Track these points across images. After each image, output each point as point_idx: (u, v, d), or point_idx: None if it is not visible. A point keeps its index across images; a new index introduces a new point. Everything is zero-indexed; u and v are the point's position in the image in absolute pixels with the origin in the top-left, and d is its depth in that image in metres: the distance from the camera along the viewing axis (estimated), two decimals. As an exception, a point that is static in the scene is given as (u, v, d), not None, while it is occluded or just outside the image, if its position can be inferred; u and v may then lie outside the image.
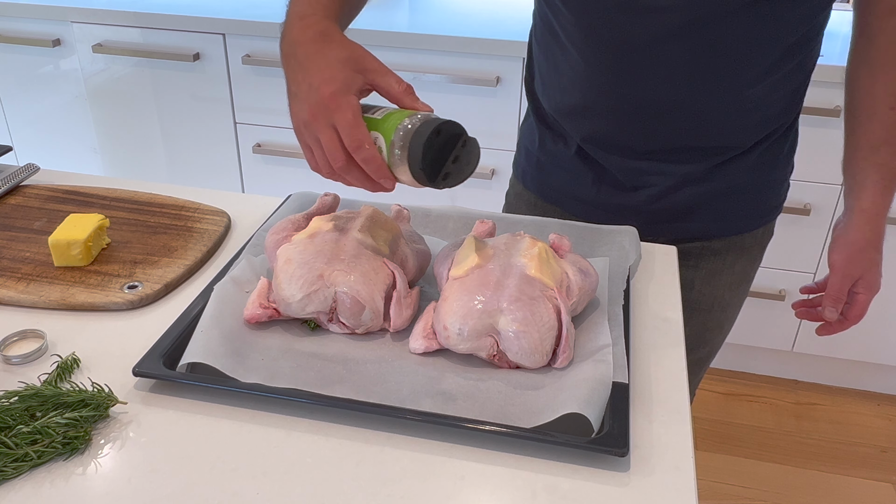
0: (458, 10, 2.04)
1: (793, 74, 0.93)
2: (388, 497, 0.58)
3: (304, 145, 0.73)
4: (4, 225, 0.94)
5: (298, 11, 0.78)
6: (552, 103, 1.02)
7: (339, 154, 0.69)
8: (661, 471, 0.61)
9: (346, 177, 0.71)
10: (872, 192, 0.93)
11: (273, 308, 0.74)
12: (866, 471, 1.94)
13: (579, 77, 0.94)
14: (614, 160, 0.98)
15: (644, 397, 0.69)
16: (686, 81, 0.89)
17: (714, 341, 1.13)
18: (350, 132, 0.68)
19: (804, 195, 1.84)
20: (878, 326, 2.00)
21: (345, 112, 0.68)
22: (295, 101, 0.73)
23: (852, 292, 0.98)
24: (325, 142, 0.69)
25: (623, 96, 0.92)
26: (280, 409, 0.66)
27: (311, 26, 0.75)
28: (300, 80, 0.72)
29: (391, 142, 0.68)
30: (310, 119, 0.70)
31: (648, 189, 0.99)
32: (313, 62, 0.72)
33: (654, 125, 0.93)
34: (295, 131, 0.74)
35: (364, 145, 0.68)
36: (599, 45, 0.90)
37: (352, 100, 0.69)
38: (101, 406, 0.64)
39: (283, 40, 0.78)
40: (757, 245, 1.07)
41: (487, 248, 0.76)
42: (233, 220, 0.97)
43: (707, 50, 0.86)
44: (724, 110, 0.92)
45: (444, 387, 0.68)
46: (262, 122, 2.05)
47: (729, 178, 0.98)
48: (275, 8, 1.99)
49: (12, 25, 2.07)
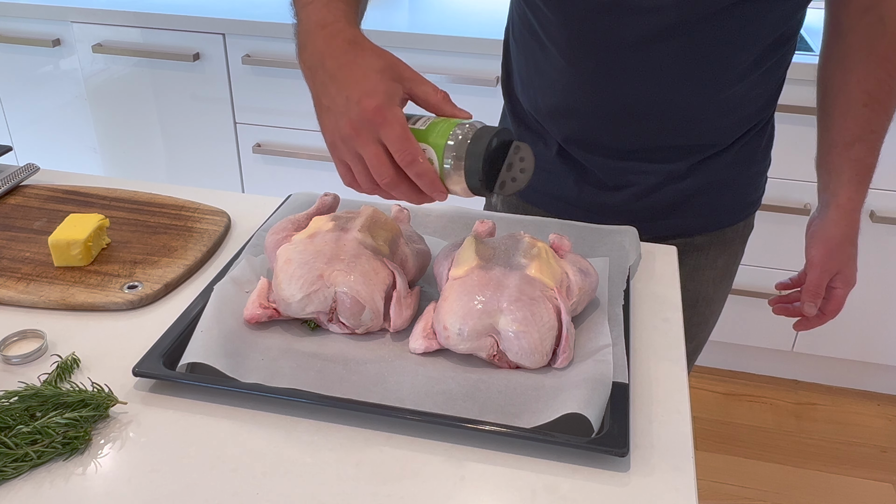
0: (458, 10, 2.04)
1: (771, 72, 0.94)
2: (388, 497, 0.58)
3: (338, 161, 0.70)
4: (4, 225, 0.94)
5: (318, 20, 0.73)
6: (532, 103, 1.01)
7: (387, 169, 0.66)
8: (661, 471, 0.61)
9: (393, 192, 0.68)
10: (848, 188, 0.93)
11: (273, 308, 0.74)
12: (866, 471, 1.94)
13: (562, 78, 0.94)
14: (596, 160, 0.99)
15: (644, 397, 0.69)
16: (670, 82, 0.89)
17: (700, 336, 1.14)
18: (401, 146, 0.65)
19: (804, 195, 1.84)
20: (878, 326, 2.00)
21: (393, 126, 0.65)
22: (328, 115, 0.69)
23: (829, 287, 0.99)
24: (370, 157, 0.67)
25: (606, 98, 0.92)
26: (280, 409, 0.66)
27: (336, 35, 0.71)
28: (334, 93, 0.68)
29: (443, 153, 0.67)
30: (351, 134, 0.67)
31: (631, 188, 0.99)
32: (348, 73, 0.68)
33: (638, 126, 0.94)
34: (329, 146, 0.71)
35: (418, 159, 0.66)
36: (582, 46, 0.90)
37: (398, 112, 0.66)
38: (101, 406, 0.64)
39: (305, 51, 0.73)
40: (738, 239, 1.09)
41: (487, 248, 0.76)
42: (233, 220, 0.97)
43: (691, 51, 0.86)
44: (707, 109, 0.92)
45: (444, 387, 0.68)
46: (262, 122, 2.05)
47: (710, 174, 0.99)
48: (275, 8, 1.99)
49: (12, 25, 2.07)
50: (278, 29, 1.89)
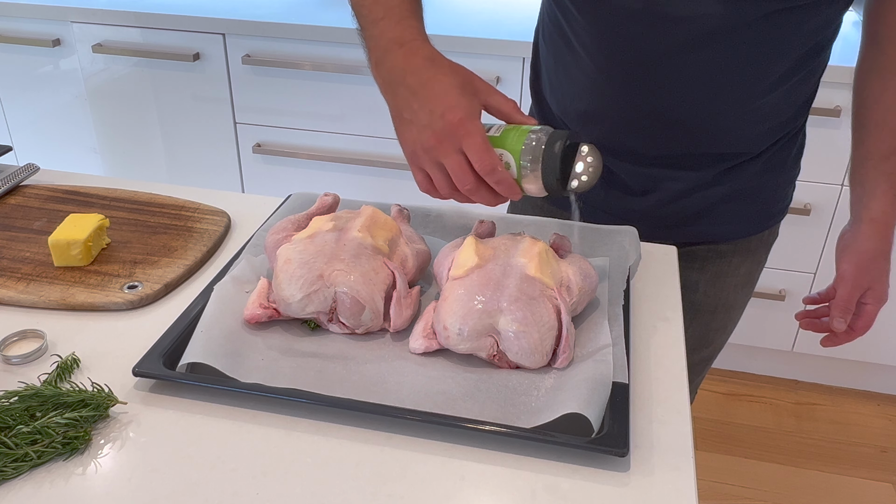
0: (458, 10, 2.04)
1: (804, 82, 0.92)
2: (388, 497, 0.58)
3: (417, 169, 0.75)
4: (4, 225, 0.94)
5: (394, 37, 0.77)
6: (560, 106, 1.01)
7: (468, 177, 0.72)
8: (661, 471, 0.61)
9: (473, 197, 0.74)
10: (882, 201, 0.92)
11: (273, 308, 0.74)
12: (866, 471, 1.94)
13: (591, 83, 0.93)
14: (624, 166, 0.98)
15: (644, 397, 0.69)
16: (701, 92, 0.88)
17: (717, 342, 1.13)
18: (482, 156, 0.70)
19: (804, 195, 1.84)
20: (879, 326, 1.99)
21: (474, 137, 0.70)
22: (410, 127, 0.74)
23: (860, 303, 0.97)
24: (452, 166, 0.72)
25: (636, 106, 0.91)
26: (280, 409, 0.66)
27: (415, 53, 0.76)
28: (416, 107, 0.73)
29: (520, 157, 0.73)
30: (435, 145, 0.72)
31: (657, 194, 0.98)
32: (430, 89, 0.73)
33: (667, 134, 0.93)
34: (409, 156, 0.76)
35: (497, 168, 0.71)
36: (614, 53, 0.89)
37: (479, 125, 0.72)
38: (101, 406, 0.64)
39: (382, 67, 0.77)
40: (763, 247, 1.07)
41: (487, 248, 0.76)
42: (233, 220, 0.97)
43: (723, 61, 0.85)
44: (738, 119, 0.91)
45: (444, 387, 0.68)
46: (262, 122, 2.05)
47: (738, 182, 0.97)
48: (275, 8, 1.99)
49: (12, 25, 2.07)
50: (278, 29, 1.89)
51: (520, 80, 1.84)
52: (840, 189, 1.83)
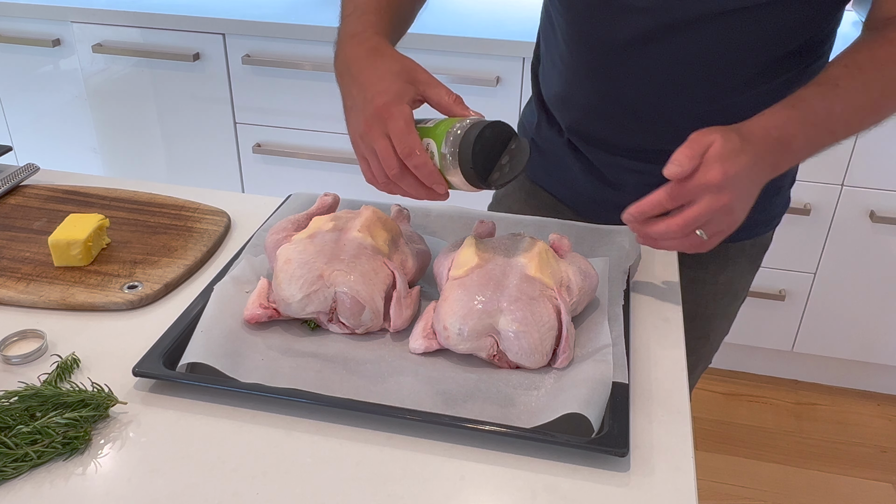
0: (458, 10, 2.04)
1: (793, 83, 0.87)
2: (388, 497, 0.58)
3: (360, 157, 0.76)
4: (4, 225, 0.94)
5: (349, 31, 0.81)
6: (545, 89, 1.04)
7: (393, 162, 0.71)
8: (661, 471, 0.61)
9: (401, 184, 0.73)
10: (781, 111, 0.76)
11: (273, 308, 0.74)
12: (866, 471, 1.94)
13: (565, 67, 0.96)
14: (597, 154, 0.99)
15: (644, 397, 0.69)
16: (663, 85, 0.88)
17: (701, 351, 1.11)
18: (401, 139, 0.70)
19: (804, 195, 1.84)
20: (879, 326, 2.00)
21: (397, 120, 0.70)
22: (351, 114, 0.76)
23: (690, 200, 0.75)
24: (379, 151, 0.72)
25: (600, 93, 0.93)
26: (280, 409, 0.66)
27: (362, 43, 0.78)
28: (355, 93, 0.75)
29: (442, 146, 0.71)
30: (365, 130, 0.72)
31: (627, 187, 0.98)
32: (367, 76, 0.74)
33: (632, 125, 0.93)
34: (352, 144, 0.77)
35: (415, 151, 0.70)
36: (582, 40, 0.92)
37: (404, 108, 0.71)
38: (101, 406, 0.64)
39: (337, 59, 0.81)
40: (744, 257, 1.04)
41: (487, 248, 0.76)
42: (233, 220, 0.97)
43: (683, 56, 0.85)
44: (704, 117, 0.84)
45: (444, 387, 0.68)
46: (262, 122, 2.05)
47: None
48: (275, 8, 1.99)
49: (12, 25, 2.07)
50: (278, 29, 1.89)
51: (520, 80, 1.84)
52: (840, 189, 1.83)
